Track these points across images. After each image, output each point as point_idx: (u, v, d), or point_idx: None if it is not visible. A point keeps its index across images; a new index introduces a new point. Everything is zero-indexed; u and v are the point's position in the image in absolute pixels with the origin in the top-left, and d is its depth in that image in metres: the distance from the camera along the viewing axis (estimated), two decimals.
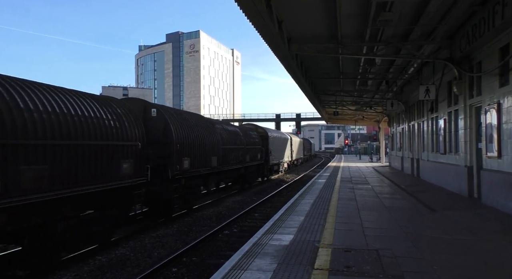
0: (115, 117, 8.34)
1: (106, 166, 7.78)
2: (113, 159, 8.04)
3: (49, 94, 6.75)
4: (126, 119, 8.75)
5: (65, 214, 7.03)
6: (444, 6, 9.28)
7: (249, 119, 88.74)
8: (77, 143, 6.97)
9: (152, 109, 10.93)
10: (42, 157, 6.21)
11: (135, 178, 8.74)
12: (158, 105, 11.83)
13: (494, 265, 5.05)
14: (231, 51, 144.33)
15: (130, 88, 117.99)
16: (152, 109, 10.95)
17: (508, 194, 8.53)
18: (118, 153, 8.21)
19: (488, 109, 9.58)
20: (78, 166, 6.98)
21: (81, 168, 7.06)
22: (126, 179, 8.41)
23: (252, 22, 9.25)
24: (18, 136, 5.76)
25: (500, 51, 9.03)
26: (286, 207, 9.64)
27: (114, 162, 8.04)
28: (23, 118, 5.91)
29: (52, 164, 6.39)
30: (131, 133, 8.74)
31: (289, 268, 4.81)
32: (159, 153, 10.34)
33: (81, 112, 7.25)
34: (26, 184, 5.86)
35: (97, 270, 6.90)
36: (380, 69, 17.25)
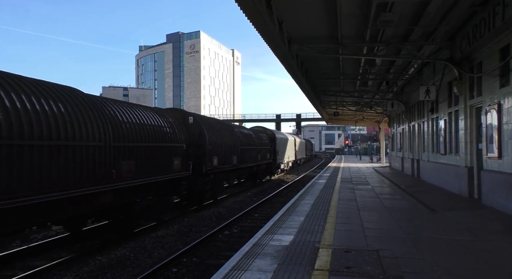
0: (168, 124, 10.92)
1: (165, 162, 10.31)
2: (169, 157, 10.59)
3: (135, 109, 9.64)
4: (175, 126, 11.39)
5: (139, 197, 9.46)
6: (445, 6, 9.28)
7: (249, 119, 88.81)
8: (149, 145, 9.46)
9: (189, 117, 13.41)
10: (131, 155, 8.67)
11: (182, 171, 11.38)
12: (193, 113, 14.33)
13: (494, 266, 5.05)
14: (231, 52, 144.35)
15: (131, 88, 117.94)
16: (189, 117, 13.42)
17: (508, 194, 8.52)
18: (171, 152, 10.74)
19: (488, 110, 9.58)
20: (150, 162, 9.46)
21: (151, 163, 9.54)
22: (176, 172, 10.98)
23: (252, 22, 9.25)
24: (120, 140, 8.26)
25: (500, 51, 9.03)
26: (286, 208, 9.63)
27: (169, 159, 10.59)
28: (123, 128, 8.51)
29: (136, 160, 8.85)
30: (179, 137, 11.33)
31: (289, 268, 4.81)
32: (195, 153, 12.68)
33: (150, 122, 9.89)
34: (124, 174, 8.32)
35: (98, 270, 6.90)
36: (380, 70, 17.25)
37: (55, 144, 6.48)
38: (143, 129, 9.33)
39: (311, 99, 23.07)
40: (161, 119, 10.69)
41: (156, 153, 9.83)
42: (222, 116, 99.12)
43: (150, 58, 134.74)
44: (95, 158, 7.48)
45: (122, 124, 8.50)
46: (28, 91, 6.34)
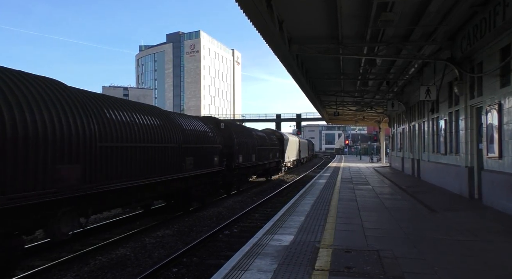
0: (210, 130, 14.22)
1: (209, 159, 13.57)
2: (212, 155, 13.79)
3: (191, 120, 13.30)
4: (214, 130, 14.74)
5: (194, 184, 12.45)
6: (445, 6, 9.27)
7: (249, 119, 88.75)
8: (201, 146, 12.77)
9: (221, 124, 17.07)
10: (191, 153, 11.88)
11: (219, 166, 14.59)
12: (223, 120, 18.24)
13: (495, 266, 5.04)
14: (231, 51, 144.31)
15: (131, 88, 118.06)
16: (221, 123, 17.09)
17: (509, 195, 8.51)
18: (213, 151, 13.94)
19: (489, 110, 9.57)
20: (201, 158, 12.68)
21: (201, 159, 12.76)
22: (215, 166, 14.18)
23: (252, 22, 9.24)
24: (186, 142, 11.57)
25: (501, 51, 9.02)
26: (286, 208, 9.62)
27: (212, 156, 13.79)
28: (186, 134, 11.81)
29: (194, 157, 12.05)
30: (217, 140, 14.58)
31: (289, 268, 4.80)
32: (226, 152, 15.99)
33: (201, 129, 13.32)
34: (187, 166, 11.57)
35: (98, 270, 6.89)
36: (380, 70, 17.24)
37: (140, 146, 8.93)
38: (198, 134, 12.81)
39: (311, 99, 23.06)
40: (206, 126, 14.09)
41: (204, 152, 13.13)
42: (222, 116, 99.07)
43: (150, 58, 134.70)
44: (173, 154, 10.68)
45: (186, 131, 11.91)
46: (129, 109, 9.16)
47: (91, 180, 7.21)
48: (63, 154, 6.54)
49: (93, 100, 7.92)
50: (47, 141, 6.23)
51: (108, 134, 7.81)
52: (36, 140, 6.00)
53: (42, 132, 6.13)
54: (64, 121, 6.65)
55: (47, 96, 6.49)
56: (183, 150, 11.31)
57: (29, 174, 5.90)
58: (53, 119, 6.41)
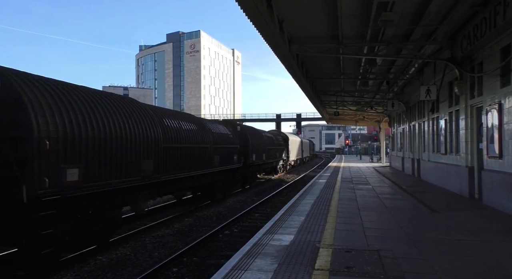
0: (230, 132, 16.77)
1: (230, 157, 15.86)
2: (232, 154, 16.19)
3: (216, 124, 15.79)
4: (233, 133, 17.37)
5: (219, 178, 14.80)
6: (445, 6, 9.27)
7: (250, 119, 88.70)
8: (224, 146, 15.05)
9: (237, 126, 19.46)
10: (218, 152, 14.21)
11: (237, 164, 16.90)
12: (239, 123, 21.00)
13: (495, 266, 5.04)
14: (231, 51, 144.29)
15: (131, 88, 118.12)
16: (237, 126, 19.55)
17: (509, 194, 8.51)
18: (233, 151, 16.33)
19: (489, 110, 9.56)
20: (224, 156, 14.92)
21: (225, 157, 15.02)
22: (235, 164, 16.52)
23: (252, 22, 9.24)
24: (215, 143, 13.92)
25: (501, 51, 9.02)
26: (286, 207, 9.63)
27: (232, 155, 16.18)
28: (215, 136, 14.19)
29: (219, 155, 14.35)
30: (236, 140, 17.08)
31: (289, 268, 4.80)
32: (243, 151, 18.27)
33: (224, 132, 15.84)
34: (215, 163, 13.92)
35: (98, 270, 6.89)
36: (381, 69, 17.23)
37: (187, 146, 11.56)
38: (222, 136, 15.24)
39: (312, 99, 23.07)
40: (227, 129, 16.70)
41: (227, 151, 15.51)
42: (223, 116, 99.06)
43: (150, 57, 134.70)
44: (206, 153, 13.18)
45: (214, 134, 14.30)
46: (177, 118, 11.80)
47: (158, 171, 9.60)
48: (144, 152, 8.91)
49: (155, 111, 10.39)
50: (136, 143, 8.59)
51: (167, 138, 10.27)
52: (128, 142, 8.33)
53: (131, 136, 8.44)
54: (142, 128, 8.94)
55: (129, 110, 8.76)
56: (213, 150, 13.89)
57: (128, 165, 8.28)
58: (135, 126, 8.68)
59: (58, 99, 6.71)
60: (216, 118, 74.74)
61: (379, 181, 17.59)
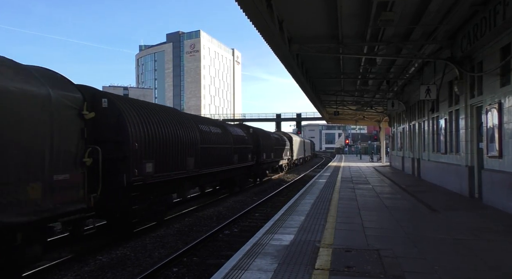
0: (245, 134, 19.30)
1: (245, 156, 18.33)
2: (247, 153, 18.68)
3: (235, 127, 18.75)
4: (248, 134, 19.86)
5: (236, 173, 17.25)
6: (445, 5, 9.27)
7: (250, 119, 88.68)
8: (241, 146, 17.46)
9: (250, 129, 21.73)
10: (237, 151, 16.51)
11: (251, 162, 19.49)
12: (251, 126, 22.88)
13: (495, 266, 5.04)
14: (231, 51, 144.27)
15: (131, 88, 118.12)
16: (250, 129, 21.81)
17: (509, 194, 8.51)
18: (247, 150, 18.82)
19: (489, 109, 9.56)
20: (241, 155, 17.26)
21: (241, 156, 17.36)
22: (249, 162, 19.02)
23: (252, 22, 9.24)
24: (235, 144, 16.43)
25: (501, 51, 9.02)
26: (286, 207, 9.63)
27: (247, 154, 18.63)
28: (235, 138, 16.80)
29: (238, 154, 16.78)
30: (250, 141, 19.56)
31: (289, 268, 4.80)
32: (255, 151, 20.58)
33: (241, 134, 18.33)
34: (235, 161, 16.40)
35: (98, 270, 6.89)
36: (381, 69, 17.23)
37: (222, 147, 14.64)
38: (240, 138, 17.77)
39: (312, 98, 23.06)
40: (243, 131, 19.35)
41: (244, 150, 18.04)
42: (223, 116, 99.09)
43: (150, 57, 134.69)
44: (228, 152, 15.60)
45: (234, 136, 16.83)
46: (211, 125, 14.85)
47: (197, 166, 12.08)
48: (188, 151, 11.39)
49: (193, 119, 13.30)
50: (183, 144, 11.04)
51: (202, 140, 12.82)
52: (179, 143, 10.75)
53: (181, 139, 10.93)
54: (187, 133, 11.52)
55: (178, 119, 11.43)
56: (233, 149, 16.30)
57: (179, 161, 10.78)
58: (183, 132, 11.26)
59: (139, 114, 9.19)
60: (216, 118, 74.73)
61: (379, 180, 17.59)
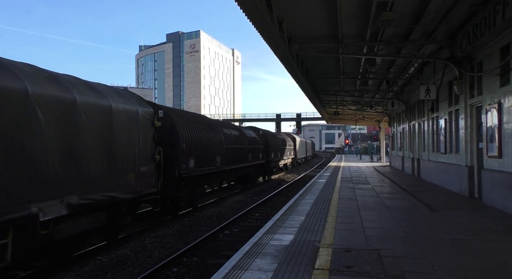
0: (256, 135, 21.76)
1: (257, 155, 20.76)
2: (258, 152, 21.21)
3: (248, 129, 22.68)
4: (259, 136, 22.55)
5: (250, 170, 19.76)
6: (445, 5, 9.27)
7: (250, 119, 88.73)
8: (253, 146, 20.15)
9: (260, 131, 24.53)
10: (250, 151, 19.43)
11: (261, 160, 21.99)
12: (261, 128, 26.02)
13: (495, 266, 5.04)
14: (231, 51, 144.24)
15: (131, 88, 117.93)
16: (260, 131, 24.55)
17: (509, 194, 8.52)
18: (259, 150, 21.34)
19: (489, 109, 9.57)
20: (253, 154, 19.97)
21: (255, 155, 20.25)
22: (260, 160, 21.69)
23: (252, 22, 9.24)
24: (249, 144, 19.30)
25: (500, 51, 9.02)
26: (286, 207, 9.63)
27: (258, 153, 21.17)
28: (249, 140, 19.67)
29: (251, 153, 19.68)
30: (261, 142, 22.20)
31: (289, 268, 4.81)
32: (264, 151, 22.98)
33: (253, 136, 21.03)
34: (249, 159, 19.30)
35: (98, 270, 6.89)
36: (380, 69, 17.23)
37: (241, 147, 17.34)
38: (253, 139, 20.50)
39: (311, 98, 23.06)
40: (254, 133, 22.12)
41: (256, 150, 20.74)
42: (223, 116, 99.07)
43: (150, 57, 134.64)
44: (244, 152, 18.23)
45: (248, 137, 19.46)
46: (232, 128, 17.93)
47: (222, 163, 14.69)
48: (216, 151, 13.96)
49: (218, 123, 16.59)
50: (213, 145, 13.78)
51: (226, 141, 15.40)
52: (209, 144, 13.41)
53: (211, 141, 13.58)
54: (215, 135, 14.15)
55: (209, 124, 14.33)
56: (247, 149, 18.92)
57: (210, 159, 13.42)
58: (212, 134, 13.90)
59: (184, 121, 12.02)
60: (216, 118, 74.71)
61: (379, 180, 17.60)
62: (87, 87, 7.45)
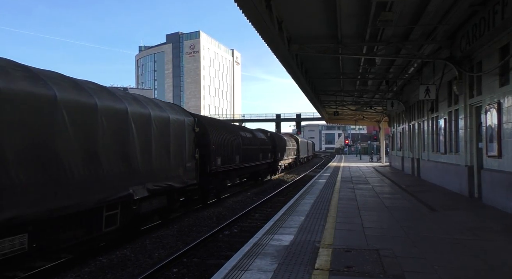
0: (266, 137, 25.08)
1: (266, 154, 23.48)
2: (267, 152, 23.80)
3: (260, 132, 25.44)
4: (267, 137, 25.48)
5: (261, 168, 22.92)
6: (444, 5, 9.27)
7: (249, 119, 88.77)
8: (264, 147, 23.12)
9: (268, 133, 27.11)
10: (261, 151, 22.20)
11: (269, 159, 24.50)
12: (269, 131, 29.31)
13: (495, 266, 5.04)
14: (231, 52, 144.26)
15: (131, 89, 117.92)
16: (268, 133, 27.14)
17: (508, 193, 8.52)
18: (267, 150, 24.04)
19: (488, 109, 9.57)
20: (264, 154, 22.81)
21: (263, 154, 22.57)
22: (269, 159, 24.35)
23: (252, 22, 9.24)
24: (261, 145, 22.80)
25: (500, 50, 9.03)
26: (286, 207, 9.63)
27: (267, 153, 23.76)
28: (261, 141, 22.88)
29: (262, 153, 22.33)
30: (269, 143, 25.03)
31: (289, 268, 4.81)
32: (272, 151, 25.31)
33: (263, 137, 24.36)
34: (260, 158, 22.01)
35: (98, 271, 6.89)
36: (380, 69, 17.24)
37: (253, 147, 20.38)
38: (262, 140, 23.22)
39: (311, 98, 23.07)
40: (264, 135, 25.00)
41: (265, 150, 23.32)
42: (222, 116, 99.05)
43: (150, 58, 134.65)
44: (256, 152, 20.84)
45: (259, 139, 22.12)
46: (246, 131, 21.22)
47: (240, 161, 17.18)
48: (235, 150, 16.45)
49: (236, 127, 19.90)
50: (233, 145, 16.26)
51: (243, 142, 18.13)
52: (230, 145, 15.80)
53: (231, 142, 16.04)
54: (234, 137, 16.86)
55: (230, 128, 17.51)
56: (259, 149, 21.47)
57: (231, 157, 15.79)
58: (232, 137, 16.48)
59: (212, 126, 14.57)
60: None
61: (379, 180, 17.60)
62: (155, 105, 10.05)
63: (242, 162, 17.66)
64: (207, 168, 13.01)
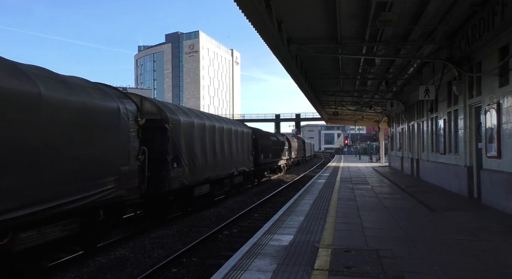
0: (281, 138, 31.66)
1: (284, 153, 31.33)
2: (285, 151, 31.62)
3: (277, 135, 32.13)
4: (283, 139, 32.11)
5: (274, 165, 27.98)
6: (444, 6, 9.28)
7: (249, 119, 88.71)
8: (279, 147, 28.90)
9: (284, 135, 33.60)
10: (275, 150, 27.20)
11: (287, 157, 32.70)
12: (283, 133, 43.37)
13: (494, 266, 5.05)
14: (230, 52, 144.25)
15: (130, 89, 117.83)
16: (284, 135, 33.75)
17: (508, 194, 8.53)
18: (285, 150, 31.79)
19: (488, 109, 9.58)
20: (279, 154, 29.00)
21: (276, 153, 27.32)
22: (286, 157, 32.36)
23: (251, 22, 9.24)
24: (276, 146, 27.70)
25: (499, 51, 9.04)
26: (286, 208, 9.63)
27: (285, 152, 31.79)
28: (275, 142, 27.69)
29: (281, 152, 29.97)
30: (286, 144, 32.25)
31: (289, 268, 4.80)
32: (288, 150, 32.55)
33: (282, 139, 31.45)
34: (282, 156, 30.50)
35: (97, 271, 6.88)
36: (379, 69, 17.24)
37: (279, 147, 28.84)
38: (282, 142, 30.15)
39: (311, 99, 23.07)
40: (282, 137, 31.64)
41: (283, 150, 30.20)
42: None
43: (149, 58, 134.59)
44: (279, 151, 28.62)
45: (280, 141, 29.80)
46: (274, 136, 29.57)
47: (272, 157, 25.27)
48: (269, 150, 24.30)
49: (268, 133, 27.69)
50: (267, 146, 23.77)
51: (273, 144, 25.84)
52: (266, 146, 23.69)
53: (266, 143, 23.72)
54: (266, 140, 24.00)
55: (261, 133, 24.03)
56: (280, 149, 27.43)
57: (266, 156, 23.53)
58: (265, 140, 23.79)
59: (259, 135, 21.73)
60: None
61: (378, 181, 17.60)
62: (233, 123, 16.94)
63: (273, 158, 25.70)
64: (257, 160, 20.69)
